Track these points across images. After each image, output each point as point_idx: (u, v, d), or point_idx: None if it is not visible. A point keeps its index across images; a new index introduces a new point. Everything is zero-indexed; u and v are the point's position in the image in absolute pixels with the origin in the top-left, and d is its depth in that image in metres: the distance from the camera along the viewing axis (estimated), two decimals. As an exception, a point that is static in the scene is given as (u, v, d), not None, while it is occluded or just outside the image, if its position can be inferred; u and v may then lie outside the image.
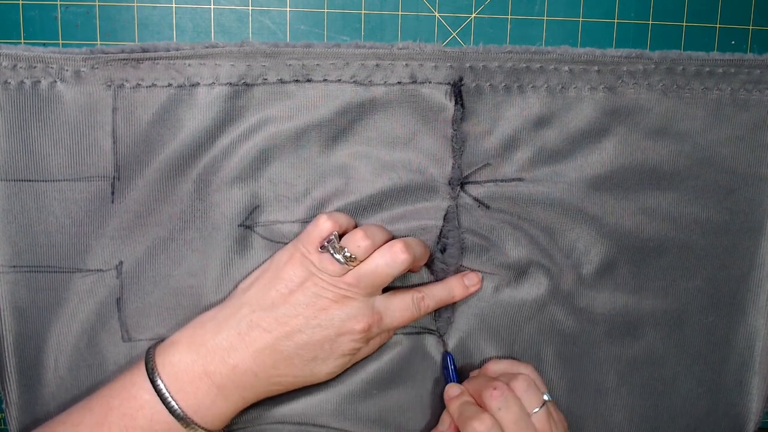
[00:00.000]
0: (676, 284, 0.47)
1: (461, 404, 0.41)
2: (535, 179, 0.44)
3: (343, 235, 0.40)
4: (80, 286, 0.42)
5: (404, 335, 0.45)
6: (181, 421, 0.37)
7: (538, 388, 0.40)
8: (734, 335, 0.48)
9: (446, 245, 0.44)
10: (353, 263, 0.39)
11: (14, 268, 0.42)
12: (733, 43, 0.47)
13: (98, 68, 0.40)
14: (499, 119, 0.43)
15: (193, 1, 0.44)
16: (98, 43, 0.43)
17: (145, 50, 0.40)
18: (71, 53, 0.40)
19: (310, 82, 0.42)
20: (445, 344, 0.46)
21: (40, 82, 0.40)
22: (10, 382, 0.42)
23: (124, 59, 0.40)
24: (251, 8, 0.44)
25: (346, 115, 0.42)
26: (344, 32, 0.45)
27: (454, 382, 0.44)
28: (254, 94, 0.42)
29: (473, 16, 0.45)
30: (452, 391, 0.42)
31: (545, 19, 0.46)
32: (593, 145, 0.44)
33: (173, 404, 0.37)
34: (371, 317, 0.40)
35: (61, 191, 0.41)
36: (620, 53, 0.43)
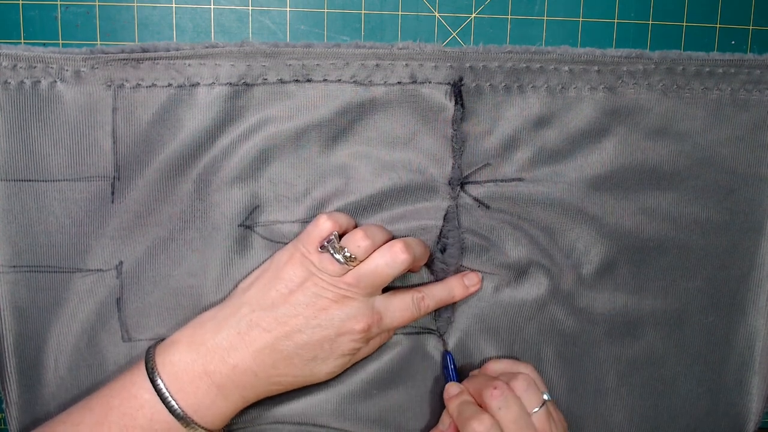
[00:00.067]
0: (676, 284, 0.47)
1: (460, 403, 0.40)
2: (535, 179, 0.44)
3: (343, 235, 0.40)
4: (80, 286, 0.42)
5: (404, 335, 0.45)
6: (181, 420, 0.37)
7: (538, 387, 0.40)
8: (734, 335, 0.48)
9: (446, 245, 0.44)
10: (353, 263, 0.39)
11: (14, 268, 0.42)
12: (733, 43, 0.47)
13: (98, 68, 0.40)
14: (499, 119, 0.43)
15: (193, 1, 0.44)
16: (98, 43, 0.43)
17: (145, 50, 0.40)
18: (71, 53, 0.40)
19: (310, 82, 0.42)
20: (445, 344, 0.46)
21: (40, 82, 0.40)
22: (10, 382, 0.42)
23: (124, 59, 0.40)
24: (251, 8, 0.44)
25: (346, 115, 0.42)
26: (344, 32, 0.45)
27: (454, 381, 0.44)
28: (254, 94, 0.42)
29: (473, 16, 0.45)
30: (452, 390, 0.42)
31: (545, 19, 0.46)
32: (593, 145, 0.44)
33: (173, 404, 0.37)
34: (371, 317, 0.40)
35: (61, 191, 0.41)
36: (620, 53, 0.43)
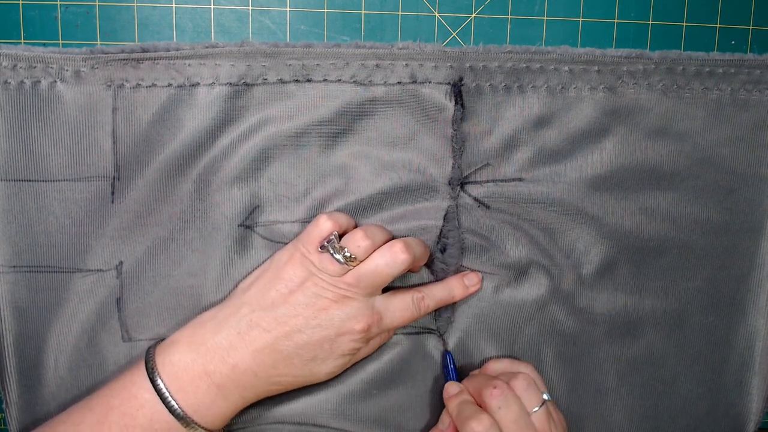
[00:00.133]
0: (676, 284, 0.47)
1: (460, 403, 0.40)
2: (535, 179, 0.44)
3: (343, 235, 0.40)
4: (80, 286, 0.42)
5: (404, 335, 0.45)
6: (181, 420, 0.37)
7: (537, 387, 0.40)
8: (734, 335, 0.48)
9: (446, 245, 0.44)
10: (353, 263, 0.39)
11: (14, 268, 0.42)
12: (733, 43, 0.47)
13: (98, 68, 0.40)
14: (499, 119, 0.43)
15: (193, 1, 0.44)
16: (98, 43, 0.43)
17: (145, 50, 0.40)
18: (71, 53, 0.40)
19: (310, 82, 0.42)
20: (445, 344, 0.46)
21: (40, 82, 0.40)
22: (10, 382, 0.42)
23: (124, 59, 0.40)
24: (251, 8, 0.44)
25: (346, 115, 0.42)
26: (344, 32, 0.45)
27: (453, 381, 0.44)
28: (254, 94, 0.42)
29: (473, 16, 0.45)
30: (451, 389, 0.42)
31: (545, 19, 0.46)
32: (593, 145, 0.44)
33: (173, 403, 0.37)
34: (371, 317, 0.40)
35: (61, 191, 0.41)
36: (620, 53, 0.43)
